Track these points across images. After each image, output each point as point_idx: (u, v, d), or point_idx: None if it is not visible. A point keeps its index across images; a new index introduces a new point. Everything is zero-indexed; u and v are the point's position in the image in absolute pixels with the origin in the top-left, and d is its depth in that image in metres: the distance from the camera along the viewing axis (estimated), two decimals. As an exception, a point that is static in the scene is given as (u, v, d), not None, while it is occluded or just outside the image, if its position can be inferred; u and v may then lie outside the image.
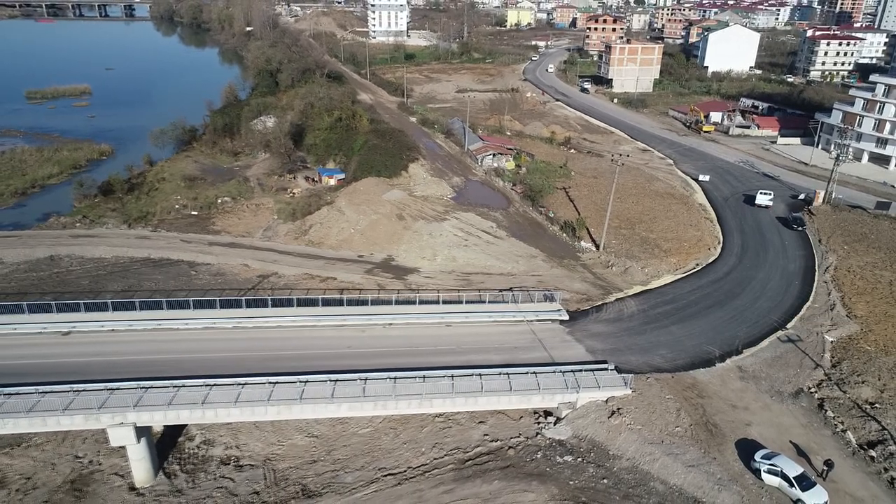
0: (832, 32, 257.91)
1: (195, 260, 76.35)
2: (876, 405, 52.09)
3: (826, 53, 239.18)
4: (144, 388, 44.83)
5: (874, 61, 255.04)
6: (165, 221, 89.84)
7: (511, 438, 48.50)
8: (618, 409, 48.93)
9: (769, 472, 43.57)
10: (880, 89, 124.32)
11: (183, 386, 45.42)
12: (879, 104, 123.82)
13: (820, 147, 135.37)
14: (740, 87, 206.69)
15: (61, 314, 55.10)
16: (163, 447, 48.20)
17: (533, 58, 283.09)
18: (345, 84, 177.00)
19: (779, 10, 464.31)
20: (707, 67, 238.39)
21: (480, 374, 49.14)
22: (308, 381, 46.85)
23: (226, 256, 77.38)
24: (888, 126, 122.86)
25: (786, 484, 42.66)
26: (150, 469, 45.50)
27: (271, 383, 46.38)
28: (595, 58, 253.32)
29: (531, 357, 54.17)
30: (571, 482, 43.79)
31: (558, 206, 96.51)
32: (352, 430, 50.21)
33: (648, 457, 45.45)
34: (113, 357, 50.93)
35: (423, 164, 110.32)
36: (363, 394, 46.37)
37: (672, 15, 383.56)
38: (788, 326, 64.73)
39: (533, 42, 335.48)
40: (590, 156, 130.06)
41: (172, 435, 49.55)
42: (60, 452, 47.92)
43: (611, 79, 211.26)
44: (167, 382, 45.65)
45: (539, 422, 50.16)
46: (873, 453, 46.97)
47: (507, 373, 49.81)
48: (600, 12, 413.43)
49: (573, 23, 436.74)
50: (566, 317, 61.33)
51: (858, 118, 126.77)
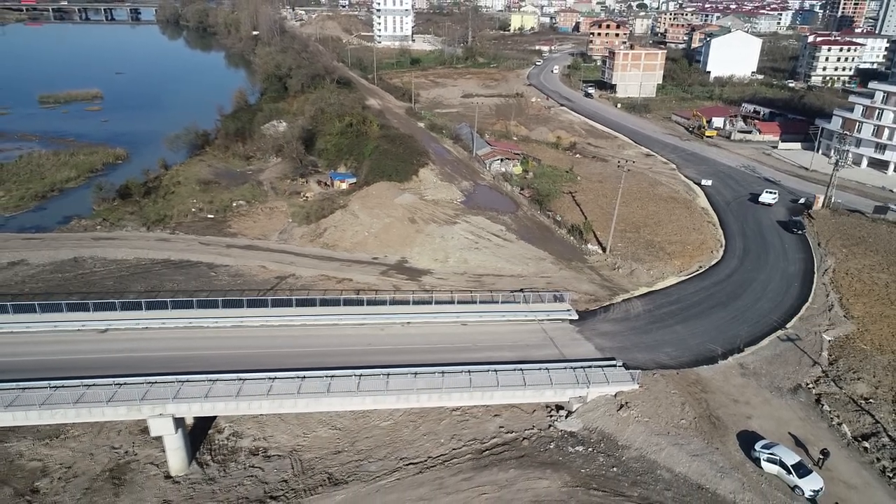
0: (833, 38, 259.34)
1: (214, 262, 78.07)
2: (870, 400, 54.33)
3: (827, 59, 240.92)
4: (182, 382, 47.33)
5: (875, 66, 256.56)
6: (183, 224, 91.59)
7: (525, 430, 50.88)
8: (626, 403, 51.30)
9: (768, 461, 46.04)
10: (879, 96, 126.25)
11: (218, 380, 47.90)
12: (878, 111, 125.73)
13: (820, 152, 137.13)
14: (742, 92, 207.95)
15: (97, 313, 57.53)
16: (194, 439, 50.35)
17: (537, 62, 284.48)
18: (354, 90, 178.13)
19: (780, 15, 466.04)
20: (709, 72, 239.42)
21: (496, 370, 51.39)
22: (334, 376, 49.26)
23: (244, 258, 79.15)
24: (887, 132, 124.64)
25: (784, 471, 45.10)
26: (185, 458, 47.91)
27: (300, 377, 48.74)
28: (598, 63, 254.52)
29: (543, 354, 56.43)
30: (583, 470, 46.30)
31: (565, 210, 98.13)
32: (373, 423, 52.54)
33: (655, 447, 47.86)
34: (148, 353, 53.21)
35: (433, 169, 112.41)
36: (386, 387, 48.85)
37: (674, 20, 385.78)
38: (788, 326, 66.68)
39: (536, 47, 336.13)
40: (595, 160, 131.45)
41: (202, 427, 51.87)
42: (97, 443, 50.07)
43: (614, 84, 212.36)
44: (203, 376, 48.12)
45: (551, 415, 52.53)
46: (867, 445, 49.27)
47: (521, 369, 52.00)
48: (603, 17, 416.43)
49: (576, 27, 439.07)
50: (575, 316, 63.47)
51: (858, 124, 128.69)
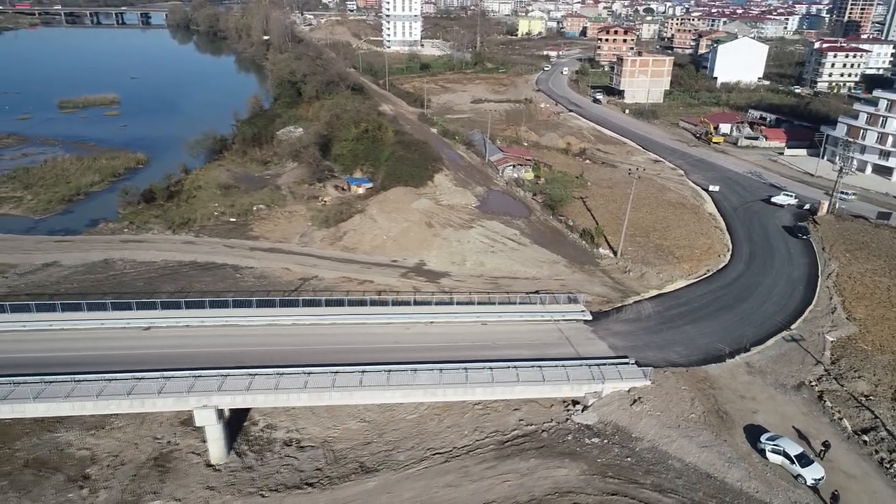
0: (839, 45, 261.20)
1: (239, 264, 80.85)
2: (870, 397, 57.19)
3: (833, 65, 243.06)
4: (224, 375, 50.71)
5: (881, 72, 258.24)
6: (206, 227, 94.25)
7: (544, 423, 53.99)
8: (639, 398, 54.42)
9: (773, 452, 49.03)
10: (883, 104, 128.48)
11: (258, 374, 51.27)
12: (882, 118, 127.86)
13: (825, 158, 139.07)
14: (749, 99, 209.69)
15: (140, 311, 61.02)
16: (231, 431, 53.15)
17: (545, 67, 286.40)
18: (368, 96, 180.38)
19: (787, 20, 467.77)
20: (716, 78, 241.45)
21: (516, 367, 54.55)
22: (365, 371, 52.48)
23: (267, 260, 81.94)
24: (891, 139, 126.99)
25: (787, 462, 48.07)
26: (224, 448, 51.03)
27: (334, 372, 52.00)
28: (606, 68, 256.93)
29: (560, 352, 59.53)
30: (599, 460, 49.45)
31: (576, 215, 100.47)
32: (400, 416, 55.63)
33: (667, 439, 50.94)
34: (189, 349, 56.59)
35: (447, 175, 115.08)
36: (414, 382, 52.04)
37: (681, 25, 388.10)
38: (792, 327, 69.37)
39: (544, 52, 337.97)
40: (604, 166, 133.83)
41: (238, 420, 54.85)
42: (140, 434, 53.17)
43: (622, 90, 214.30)
44: (243, 371, 51.51)
45: (568, 409, 55.59)
46: (866, 438, 52.18)
47: (540, 365, 55.12)
48: (610, 22, 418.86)
49: (583, 32, 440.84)
50: (589, 317, 66.48)
51: (862, 131, 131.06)
